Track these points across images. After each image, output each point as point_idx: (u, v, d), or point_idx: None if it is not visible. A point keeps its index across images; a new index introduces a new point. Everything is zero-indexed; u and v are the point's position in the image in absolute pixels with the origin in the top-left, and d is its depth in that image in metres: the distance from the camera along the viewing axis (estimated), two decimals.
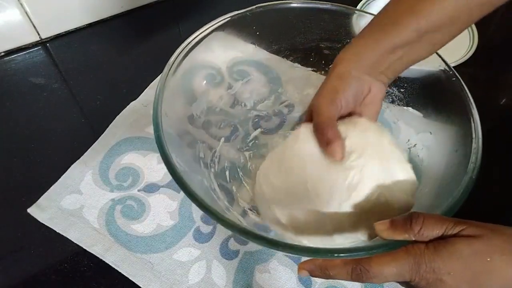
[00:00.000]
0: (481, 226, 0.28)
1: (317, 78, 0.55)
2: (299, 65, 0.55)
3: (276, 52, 0.53)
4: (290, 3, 0.50)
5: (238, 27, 0.48)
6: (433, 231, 0.29)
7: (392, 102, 0.52)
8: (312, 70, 0.55)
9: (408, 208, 0.37)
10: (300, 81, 0.56)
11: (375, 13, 0.42)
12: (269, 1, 0.50)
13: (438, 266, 0.28)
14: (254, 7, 0.48)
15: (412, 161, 0.47)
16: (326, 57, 0.53)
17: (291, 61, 0.55)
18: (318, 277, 0.33)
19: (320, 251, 0.31)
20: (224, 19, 0.47)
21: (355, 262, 0.30)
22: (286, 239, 0.38)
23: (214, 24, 0.47)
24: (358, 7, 0.67)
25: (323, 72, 0.55)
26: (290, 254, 0.46)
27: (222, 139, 0.51)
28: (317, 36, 0.52)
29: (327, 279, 0.33)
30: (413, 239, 0.29)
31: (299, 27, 0.52)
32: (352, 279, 0.31)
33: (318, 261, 0.32)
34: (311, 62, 0.54)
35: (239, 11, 0.48)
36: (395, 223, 0.30)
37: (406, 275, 0.29)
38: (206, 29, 0.46)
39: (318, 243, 0.37)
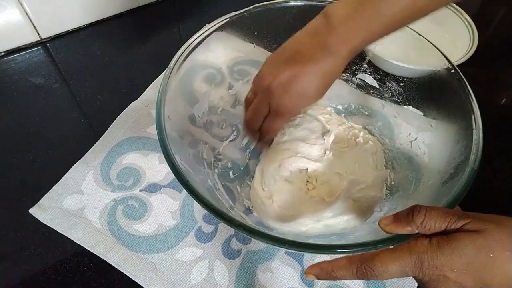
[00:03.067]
0: (484, 220, 0.28)
1: None
2: None
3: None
4: (287, 2, 0.50)
5: (237, 27, 0.49)
6: (436, 223, 0.29)
7: (392, 96, 0.51)
8: None
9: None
10: None
11: None
12: (267, 0, 0.50)
13: (440, 263, 0.28)
14: (251, 7, 0.49)
15: (414, 154, 0.47)
16: None
17: None
18: (324, 279, 0.33)
19: (324, 247, 0.31)
20: (223, 20, 0.47)
21: (360, 262, 0.30)
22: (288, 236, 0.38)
23: (214, 25, 0.47)
24: None
25: None
26: (294, 251, 0.46)
27: (225, 140, 0.51)
28: None
29: (334, 280, 0.33)
30: (417, 231, 0.30)
31: (296, 25, 0.52)
32: (358, 278, 0.31)
33: (324, 264, 0.32)
34: None
35: (237, 12, 0.48)
36: (398, 216, 0.31)
37: (409, 272, 0.29)
38: (205, 31, 0.46)
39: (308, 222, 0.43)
